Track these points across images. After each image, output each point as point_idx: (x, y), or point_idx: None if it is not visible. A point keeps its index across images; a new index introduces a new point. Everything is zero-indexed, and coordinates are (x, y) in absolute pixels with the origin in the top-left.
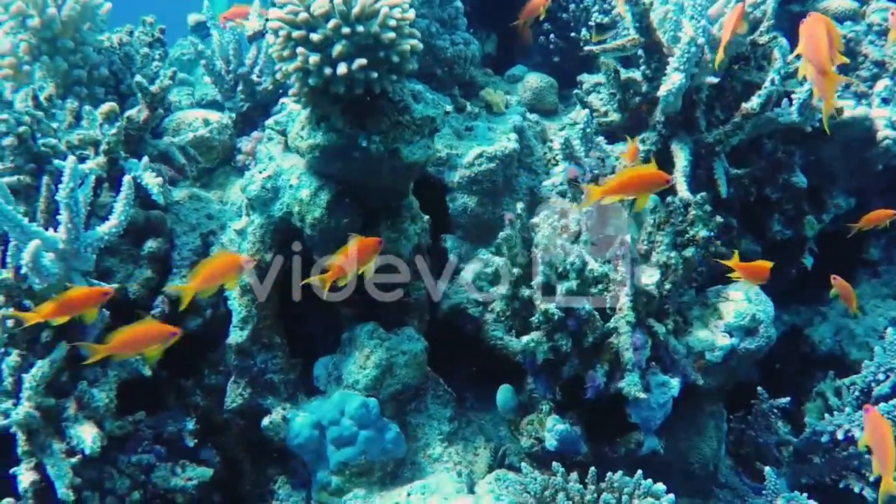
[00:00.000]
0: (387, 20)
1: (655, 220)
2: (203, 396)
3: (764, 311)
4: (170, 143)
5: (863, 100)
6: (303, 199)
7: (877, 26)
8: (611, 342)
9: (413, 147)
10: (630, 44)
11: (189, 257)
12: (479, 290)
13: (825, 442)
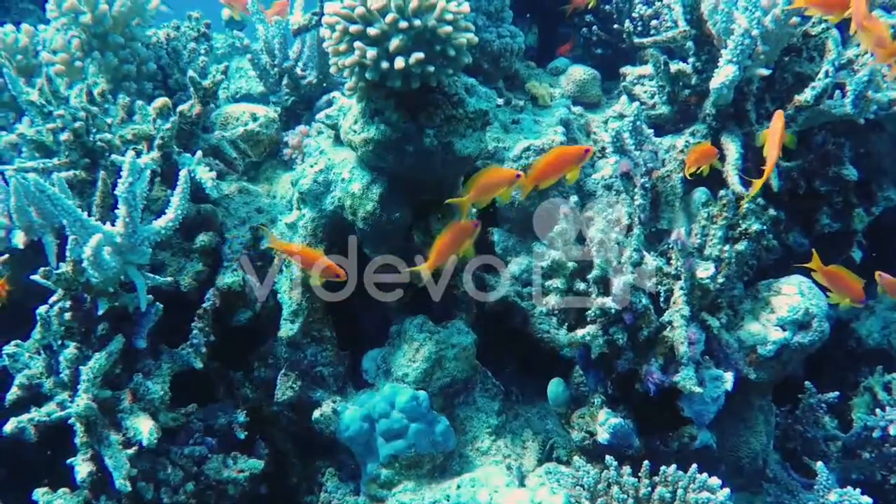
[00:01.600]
0: (443, 14)
1: (709, 214)
2: (252, 389)
3: (818, 305)
4: (221, 138)
5: None
6: (355, 193)
7: None
8: (665, 336)
9: (466, 140)
10: (681, 36)
11: (239, 251)
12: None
13: (876, 437)
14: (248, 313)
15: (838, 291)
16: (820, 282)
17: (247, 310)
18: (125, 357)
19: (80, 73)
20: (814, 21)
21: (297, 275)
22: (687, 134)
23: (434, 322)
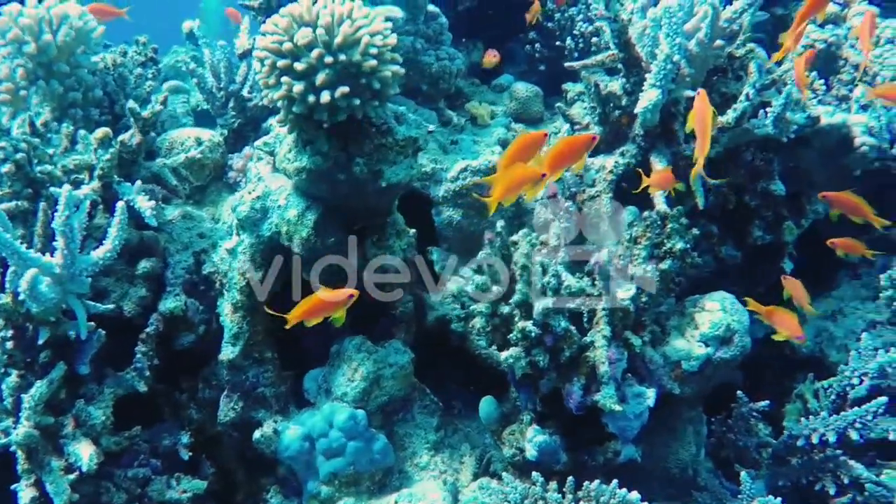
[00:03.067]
0: (368, 48)
1: (632, 235)
2: (198, 410)
3: (739, 320)
4: (162, 165)
5: (843, 104)
6: (290, 220)
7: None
8: (587, 356)
9: (396, 168)
10: (609, 59)
11: (182, 275)
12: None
13: (801, 445)
14: (191, 337)
15: (780, 329)
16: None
17: (190, 333)
18: (69, 383)
19: (25, 102)
20: (738, 43)
21: (238, 298)
22: (617, 154)
23: (373, 342)
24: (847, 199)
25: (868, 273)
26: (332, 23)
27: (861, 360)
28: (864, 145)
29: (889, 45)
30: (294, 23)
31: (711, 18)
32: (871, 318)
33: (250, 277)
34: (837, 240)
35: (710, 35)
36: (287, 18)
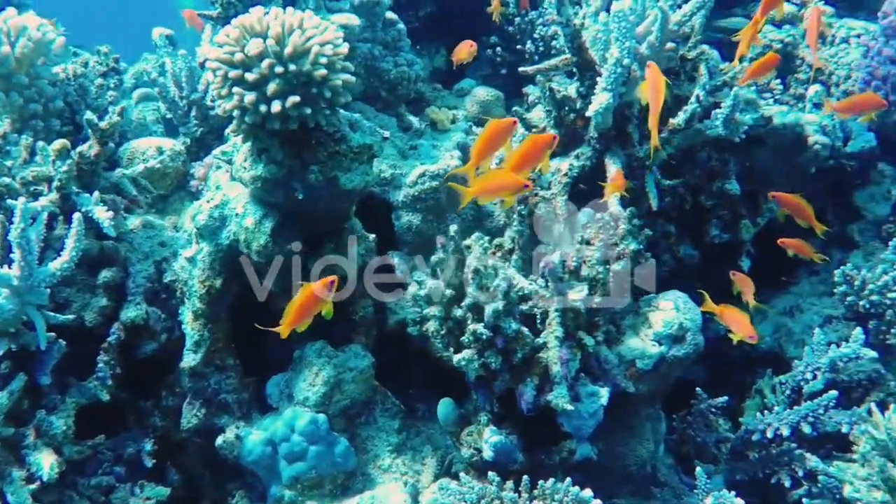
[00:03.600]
0: (318, 58)
1: (582, 238)
2: (161, 417)
3: (691, 319)
4: (121, 176)
5: (800, 102)
6: (248, 228)
7: None
8: (540, 357)
9: (351, 175)
10: (563, 63)
11: (143, 284)
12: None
13: (757, 440)
14: (154, 345)
15: (732, 328)
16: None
17: (152, 341)
18: (31, 394)
19: None
20: (689, 45)
21: (199, 306)
22: (572, 157)
23: (335, 346)
24: (794, 202)
25: (826, 269)
26: (283, 33)
27: (814, 356)
28: (817, 144)
29: (844, 45)
30: (245, 33)
31: (661, 22)
32: (828, 314)
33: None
34: (788, 240)
35: (661, 38)
36: (238, 29)
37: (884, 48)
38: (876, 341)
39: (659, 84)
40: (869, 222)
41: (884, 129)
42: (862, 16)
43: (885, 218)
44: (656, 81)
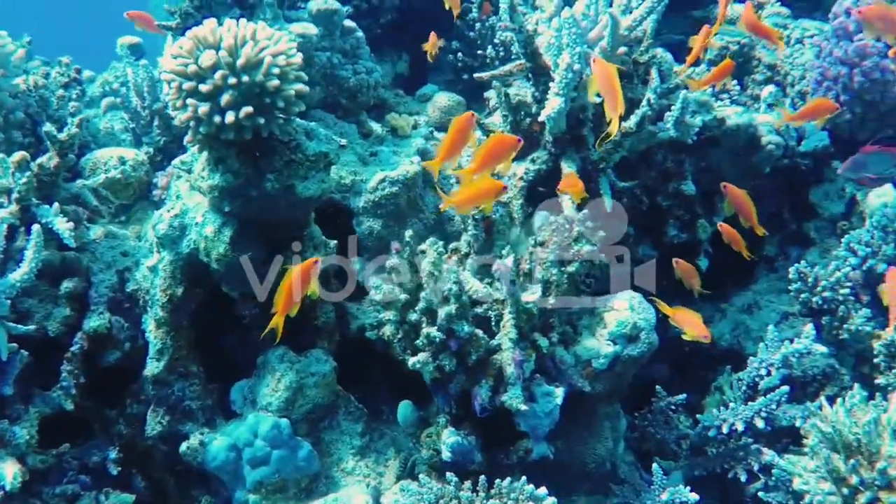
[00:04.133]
0: (270, 69)
1: (535, 241)
2: (126, 425)
3: (645, 318)
4: (82, 186)
5: (756, 103)
6: (207, 237)
7: None
8: (495, 358)
9: (308, 183)
10: (517, 69)
11: (105, 294)
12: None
13: (713, 436)
14: (117, 353)
15: (686, 329)
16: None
17: (115, 350)
18: None
19: None
20: (641, 49)
21: (161, 315)
22: (528, 161)
23: (296, 352)
24: (741, 199)
25: (783, 266)
26: (236, 45)
27: (768, 352)
28: (771, 144)
29: (798, 46)
30: (198, 45)
31: (612, 27)
32: (784, 311)
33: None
34: (726, 227)
35: (612, 43)
36: (192, 41)
37: (834, 49)
38: (829, 337)
39: (608, 72)
40: (824, 220)
41: (836, 129)
42: (819, 16)
43: (839, 215)
44: (605, 71)
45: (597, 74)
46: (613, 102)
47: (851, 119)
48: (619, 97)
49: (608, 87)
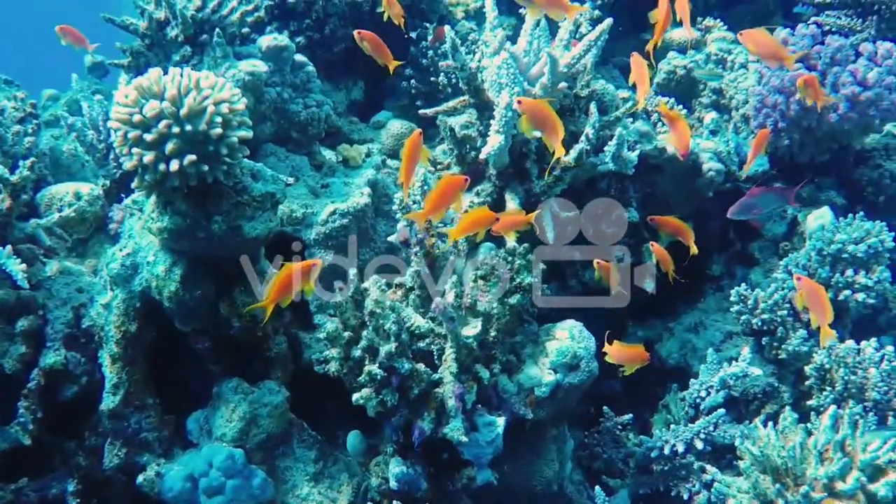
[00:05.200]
0: (213, 118)
1: (476, 275)
2: (85, 457)
3: (585, 347)
4: (36, 226)
5: (701, 125)
6: (159, 275)
7: (715, 56)
8: (437, 391)
9: (255, 223)
10: (461, 104)
11: (61, 330)
12: None
13: (656, 456)
14: (74, 388)
15: (626, 363)
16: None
17: (72, 385)
18: None
19: None
20: (581, 84)
21: (116, 351)
22: (473, 193)
23: (252, 382)
24: (671, 225)
25: (729, 285)
26: (179, 94)
27: (708, 374)
28: (711, 171)
29: (742, 70)
30: (143, 95)
31: (551, 65)
32: (728, 330)
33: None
34: (656, 247)
35: (553, 80)
36: (136, 91)
37: (772, 77)
38: (770, 356)
39: (538, 108)
40: (767, 240)
41: (777, 153)
42: None
43: (781, 236)
44: (534, 107)
45: (527, 113)
46: (552, 134)
47: (790, 144)
48: (557, 127)
49: (543, 121)
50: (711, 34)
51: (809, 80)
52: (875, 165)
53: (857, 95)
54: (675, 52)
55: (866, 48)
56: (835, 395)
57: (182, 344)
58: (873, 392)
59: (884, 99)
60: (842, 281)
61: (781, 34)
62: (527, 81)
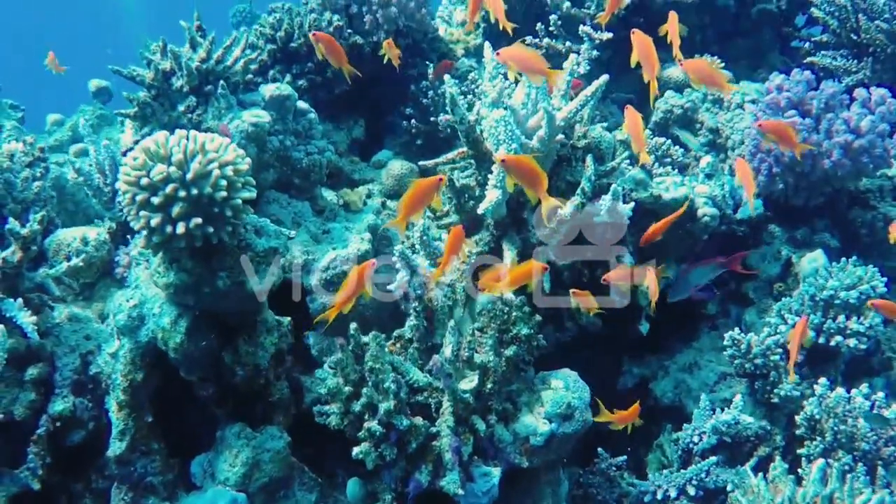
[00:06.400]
0: (218, 181)
1: (473, 329)
2: (92, 500)
3: (579, 397)
4: (45, 276)
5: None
6: (165, 327)
7: (711, 95)
8: (434, 444)
9: (258, 278)
10: (460, 156)
11: (69, 377)
12: None
13: (648, 501)
14: (82, 433)
15: (619, 423)
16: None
17: (80, 430)
18: None
19: None
20: (578, 135)
21: (123, 398)
22: (472, 242)
23: (253, 426)
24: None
25: (724, 324)
26: (185, 158)
27: (701, 419)
28: (706, 216)
29: (738, 110)
30: (150, 158)
31: (548, 120)
32: (723, 371)
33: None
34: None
35: (550, 133)
36: (143, 154)
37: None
38: (762, 399)
39: (522, 163)
40: (762, 281)
41: (772, 196)
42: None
43: (775, 276)
44: (517, 164)
45: (510, 170)
46: (536, 188)
47: (785, 188)
48: (540, 181)
49: (526, 176)
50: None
51: (772, 128)
52: (869, 207)
53: (851, 143)
54: (671, 91)
55: (860, 94)
56: (824, 445)
57: (187, 388)
58: (862, 443)
59: (876, 146)
60: (833, 326)
61: (777, 80)
62: (524, 134)
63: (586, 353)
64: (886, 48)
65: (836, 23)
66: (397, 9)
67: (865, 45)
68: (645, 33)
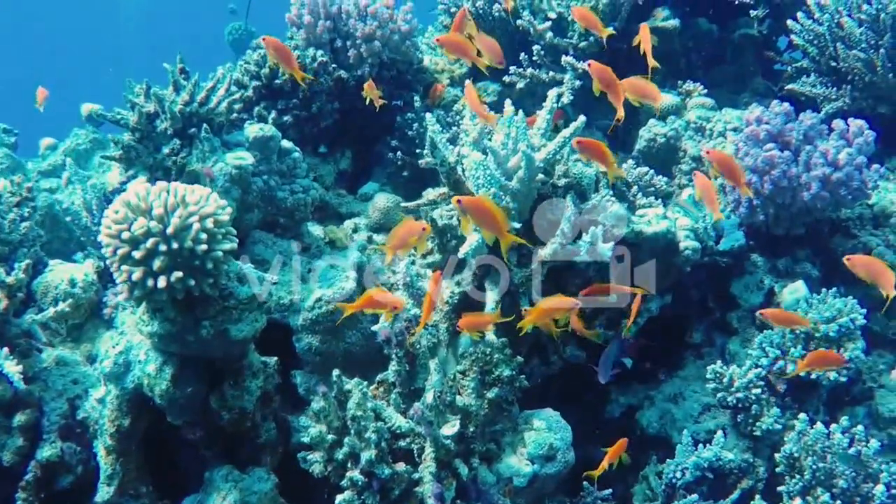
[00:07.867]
0: (199, 234)
1: (455, 374)
2: None
3: (561, 438)
4: (32, 321)
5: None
6: (150, 374)
7: (694, 123)
8: (417, 490)
9: (241, 325)
10: (440, 197)
11: (58, 422)
12: None
13: None
14: (70, 477)
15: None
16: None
17: (68, 475)
18: None
19: None
20: (558, 174)
21: (110, 443)
22: (453, 283)
23: (240, 468)
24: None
25: (709, 353)
26: (165, 212)
27: (683, 455)
28: (688, 250)
29: (720, 139)
30: (130, 211)
31: (527, 162)
32: (707, 402)
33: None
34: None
35: (529, 175)
36: (124, 208)
37: (745, 157)
38: (744, 431)
39: (479, 205)
40: (745, 310)
41: (753, 226)
42: (746, 97)
43: (758, 305)
44: (475, 206)
45: (467, 212)
46: (494, 228)
47: (766, 218)
48: (499, 222)
49: (484, 218)
50: (692, 99)
51: (718, 159)
52: (850, 235)
53: (829, 176)
54: (654, 120)
55: (838, 125)
56: (804, 483)
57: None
58: (840, 479)
59: (854, 179)
60: None
61: (756, 112)
62: (505, 175)
63: (574, 382)
64: (864, 76)
65: (815, 50)
66: (381, 42)
67: (844, 73)
68: (628, 57)
